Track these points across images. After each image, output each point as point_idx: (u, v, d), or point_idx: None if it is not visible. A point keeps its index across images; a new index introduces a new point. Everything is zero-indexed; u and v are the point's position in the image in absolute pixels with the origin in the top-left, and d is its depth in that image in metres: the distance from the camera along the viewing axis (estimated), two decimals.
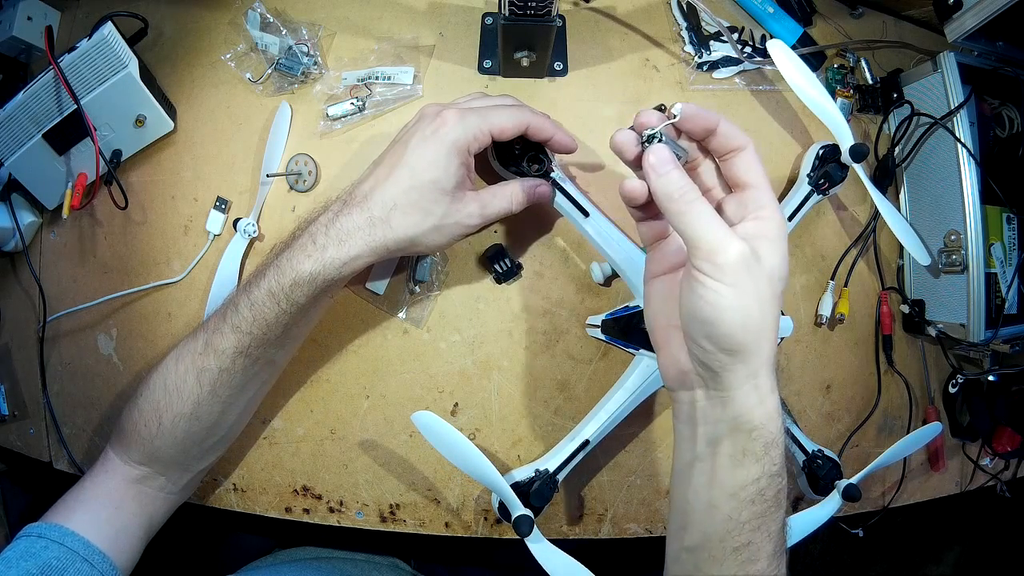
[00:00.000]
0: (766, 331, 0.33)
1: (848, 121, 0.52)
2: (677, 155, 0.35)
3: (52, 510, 0.42)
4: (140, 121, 0.52)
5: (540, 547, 0.46)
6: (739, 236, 0.32)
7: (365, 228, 0.39)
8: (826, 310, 0.57)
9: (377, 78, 0.54)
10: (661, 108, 0.36)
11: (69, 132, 0.51)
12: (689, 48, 0.57)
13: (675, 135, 0.38)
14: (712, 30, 0.57)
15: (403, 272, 0.54)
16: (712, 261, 0.32)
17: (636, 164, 0.36)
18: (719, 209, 0.37)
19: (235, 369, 0.42)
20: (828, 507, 0.52)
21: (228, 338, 0.41)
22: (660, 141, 0.35)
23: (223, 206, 0.54)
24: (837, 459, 0.54)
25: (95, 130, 0.50)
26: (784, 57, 0.51)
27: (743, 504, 0.34)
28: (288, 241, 0.42)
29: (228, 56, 0.54)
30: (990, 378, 0.58)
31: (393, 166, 0.39)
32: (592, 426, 0.49)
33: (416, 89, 0.54)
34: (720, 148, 0.36)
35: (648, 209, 0.39)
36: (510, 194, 0.43)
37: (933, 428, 0.55)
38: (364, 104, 0.53)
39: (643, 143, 0.35)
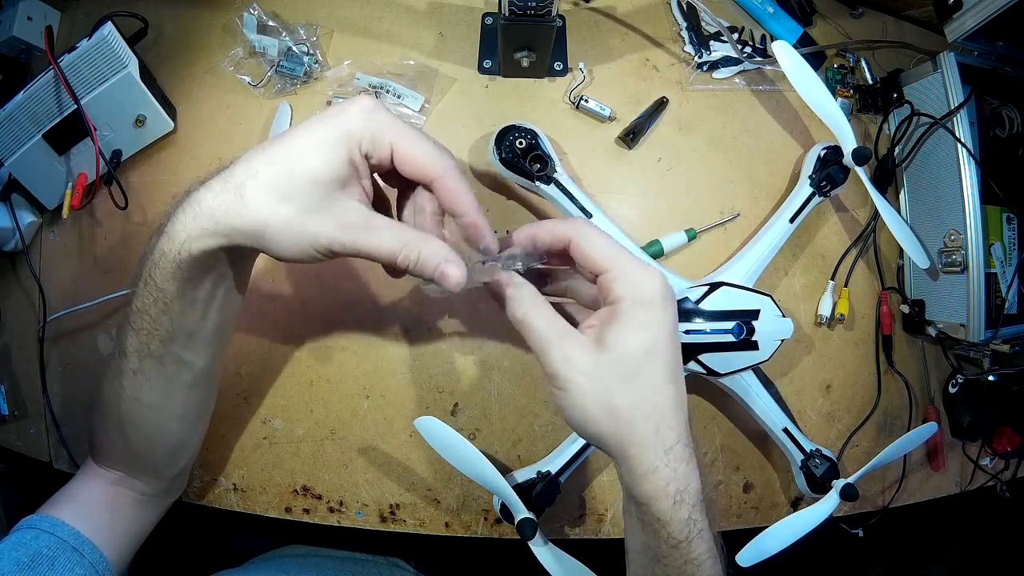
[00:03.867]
0: (636, 418, 0.32)
1: (848, 121, 0.53)
2: (521, 265, 0.34)
3: (44, 505, 0.43)
4: (140, 121, 0.52)
5: (544, 550, 0.46)
6: (575, 336, 0.32)
7: (219, 194, 0.32)
8: (826, 310, 0.57)
9: (389, 91, 0.54)
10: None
11: (69, 132, 0.51)
12: (689, 48, 0.57)
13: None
14: (712, 30, 0.57)
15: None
16: (550, 370, 0.32)
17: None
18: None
19: (145, 371, 0.39)
20: (826, 506, 0.52)
21: (128, 337, 0.38)
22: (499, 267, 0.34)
23: None
24: (835, 459, 0.54)
25: (95, 130, 0.50)
26: (788, 59, 0.51)
27: (649, 562, 0.35)
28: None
29: (226, 62, 0.54)
30: (990, 378, 0.58)
31: (279, 138, 0.32)
32: None
33: (418, 120, 0.54)
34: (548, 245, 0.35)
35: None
36: (408, 239, 0.33)
37: (929, 428, 0.54)
38: None
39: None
